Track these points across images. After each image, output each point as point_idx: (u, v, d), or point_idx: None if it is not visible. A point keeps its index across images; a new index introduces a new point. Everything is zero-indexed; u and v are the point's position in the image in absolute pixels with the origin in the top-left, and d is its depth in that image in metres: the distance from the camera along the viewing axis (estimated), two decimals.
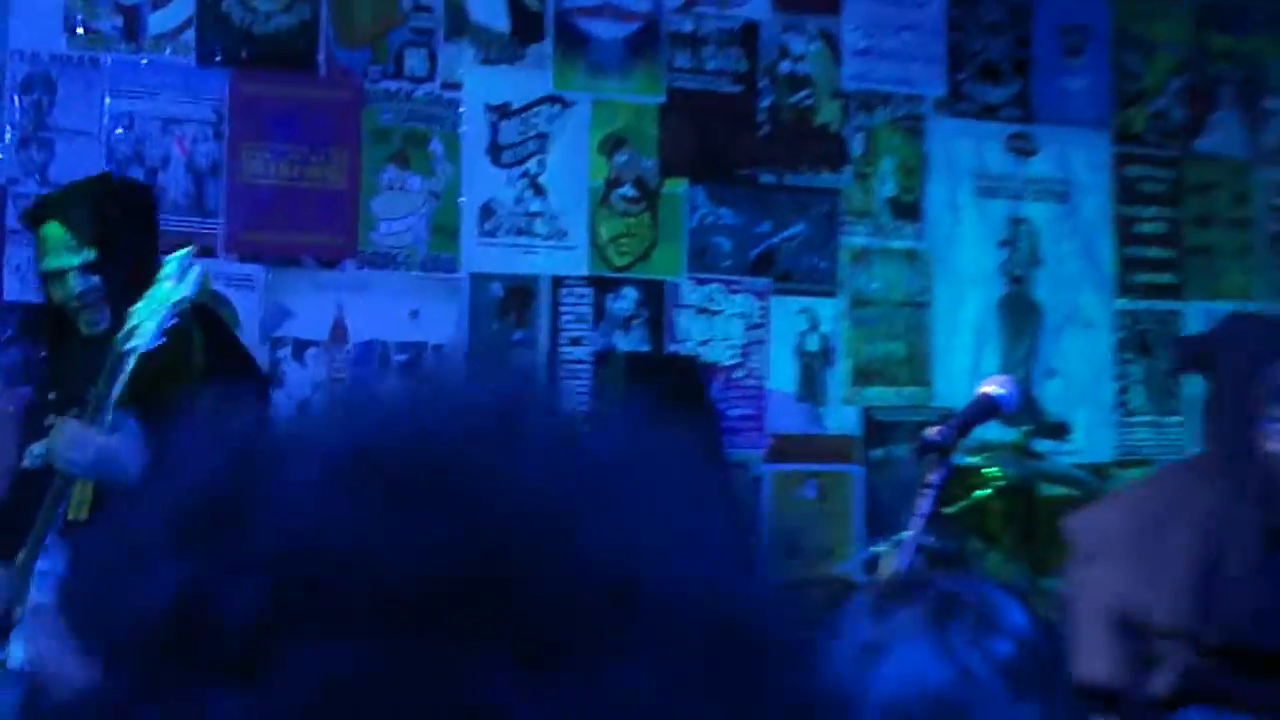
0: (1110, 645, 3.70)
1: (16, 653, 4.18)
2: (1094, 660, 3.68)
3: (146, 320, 4.00)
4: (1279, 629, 3.61)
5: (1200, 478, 3.86)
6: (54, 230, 4.43)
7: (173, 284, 4.02)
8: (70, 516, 4.18)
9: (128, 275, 4.33)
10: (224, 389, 4.23)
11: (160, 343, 3.99)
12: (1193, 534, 3.72)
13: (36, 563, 4.17)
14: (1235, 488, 3.71)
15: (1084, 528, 4.05)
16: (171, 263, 4.08)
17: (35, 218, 4.57)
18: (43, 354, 4.96)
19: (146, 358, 4.00)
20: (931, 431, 3.48)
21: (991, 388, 3.63)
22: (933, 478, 3.41)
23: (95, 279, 4.35)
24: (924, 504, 3.39)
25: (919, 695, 1.96)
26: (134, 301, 4.17)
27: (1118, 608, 3.68)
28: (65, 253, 4.39)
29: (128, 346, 4.00)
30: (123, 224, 4.49)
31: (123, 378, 4.03)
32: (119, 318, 4.20)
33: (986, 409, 3.62)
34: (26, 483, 4.40)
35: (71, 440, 4.12)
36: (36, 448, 4.38)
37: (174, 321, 4.00)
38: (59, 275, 4.40)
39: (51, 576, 4.14)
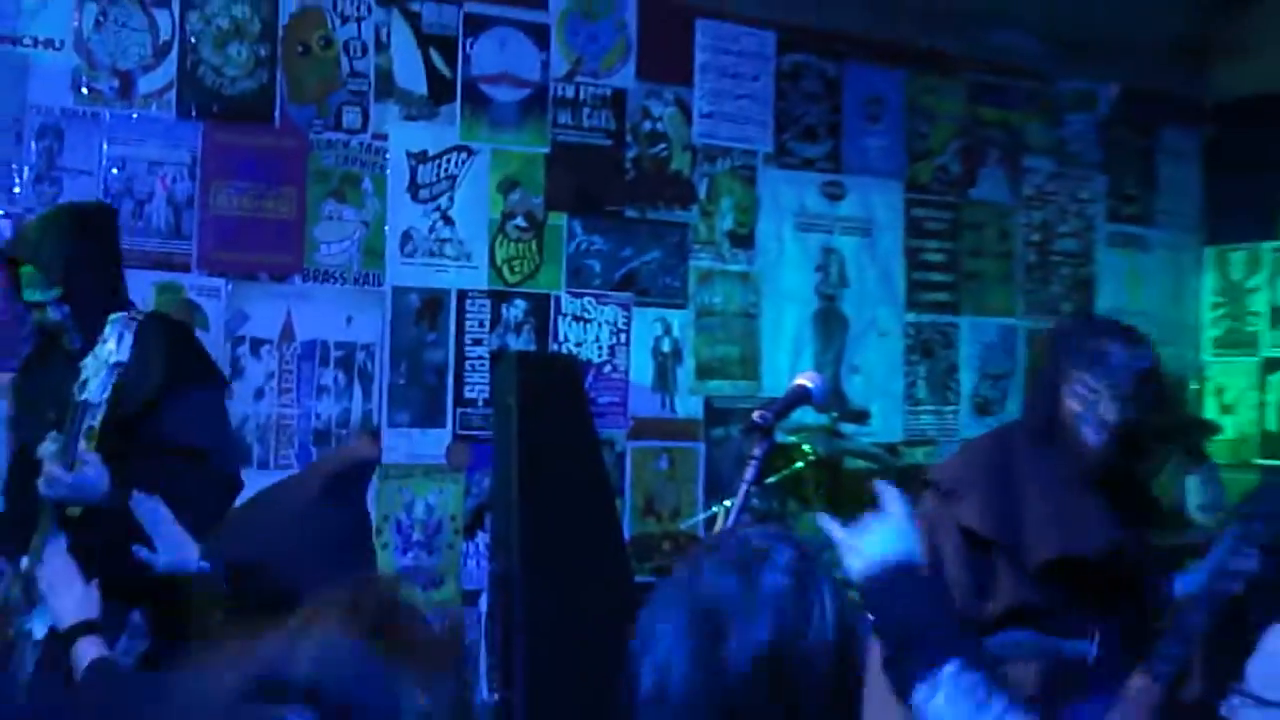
0: (963, 568, 3.77)
1: (39, 628, 4.02)
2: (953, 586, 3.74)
3: (93, 378, 3.86)
4: (1083, 545, 3.69)
5: (1025, 434, 3.94)
6: (27, 270, 4.32)
7: (113, 346, 3.87)
8: (63, 516, 3.97)
9: (93, 300, 4.23)
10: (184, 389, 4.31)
11: (105, 396, 3.84)
12: (1022, 476, 3.81)
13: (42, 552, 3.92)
14: (1047, 439, 3.83)
15: (942, 473, 4.07)
16: (112, 325, 3.89)
17: (11, 259, 4.44)
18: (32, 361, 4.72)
19: (95, 409, 3.87)
20: (756, 415, 3.56)
21: (804, 380, 3.69)
22: (756, 451, 3.40)
23: (66, 308, 4.27)
24: (750, 473, 3.36)
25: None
26: (101, 318, 3.98)
27: (969, 533, 3.75)
28: (39, 290, 4.29)
29: (81, 399, 3.87)
30: (85, 257, 4.34)
31: (83, 425, 3.90)
32: (90, 335, 4.04)
33: (800, 397, 3.55)
34: (30, 472, 4.17)
35: (48, 479, 3.92)
36: (49, 446, 4.04)
37: (114, 381, 3.87)
38: (39, 306, 4.32)
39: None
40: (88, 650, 3.45)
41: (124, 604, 4.11)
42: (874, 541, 2.74)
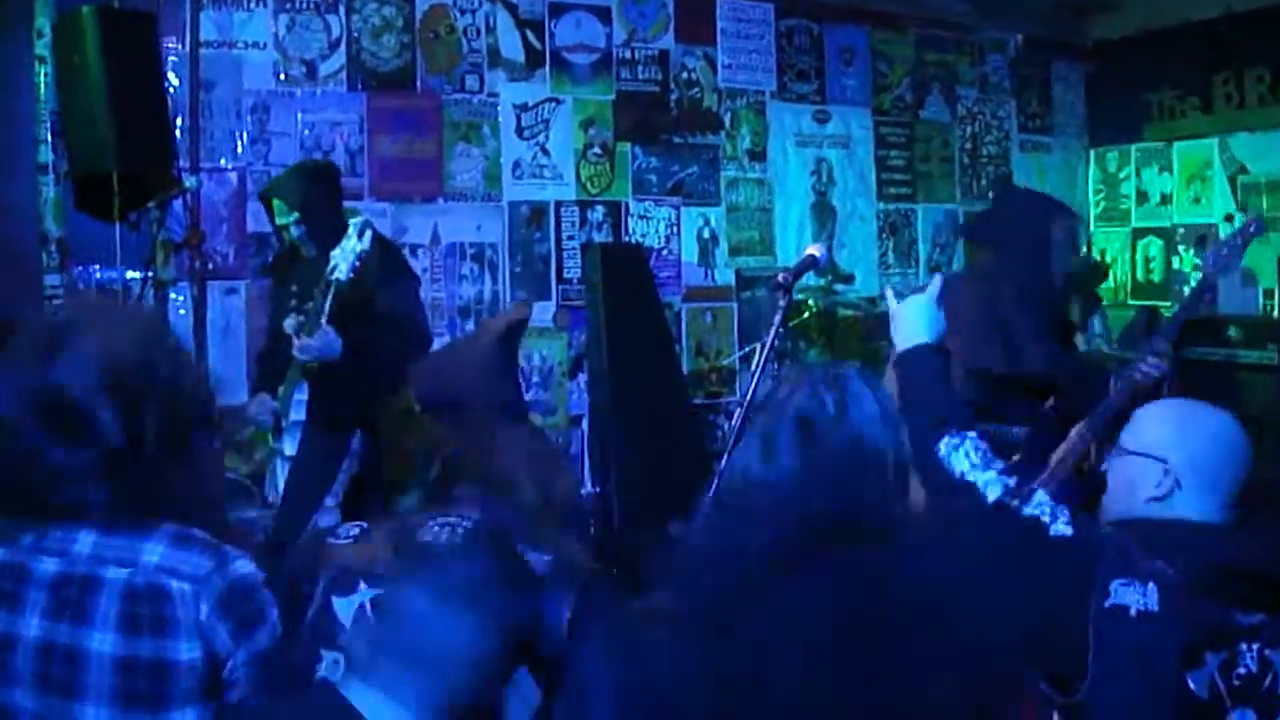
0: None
1: (289, 447, 4.19)
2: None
3: (341, 262, 3.90)
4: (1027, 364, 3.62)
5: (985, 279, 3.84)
6: (277, 203, 4.35)
7: (355, 241, 3.93)
8: (306, 369, 4.11)
9: (322, 224, 4.24)
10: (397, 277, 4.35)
11: (351, 276, 3.91)
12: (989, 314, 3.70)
13: (292, 393, 4.19)
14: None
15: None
16: (354, 226, 3.98)
17: (264, 195, 4.48)
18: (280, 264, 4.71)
19: (343, 285, 3.92)
20: (780, 276, 3.62)
21: (813, 250, 3.71)
22: (781, 303, 3.56)
23: (303, 229, 4.27)
24: (777, 318, 3.51)
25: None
26: (327, 237, 4.11)
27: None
28: (283, 215, 4.31)
29: (331, 278, 3.92)
30: (314, 194, 4.33)
31: (329, 299, 3.94)
32: (322, 248, 4.10)
33: (811, 262, 3.71)
34: (282, 340, 4.27)
35: (300, 347, 4.00)
36: (289, 321, 4.23)
37: (357, 264, 3.92)
38: (284, 228, 4.33)
39: (300, 403, 4.19)
40: None
41: (347, 434, 4.20)
42: (912, 321, 2.53)
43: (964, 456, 2.29)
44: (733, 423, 2.55)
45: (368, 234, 3.95)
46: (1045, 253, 3.71)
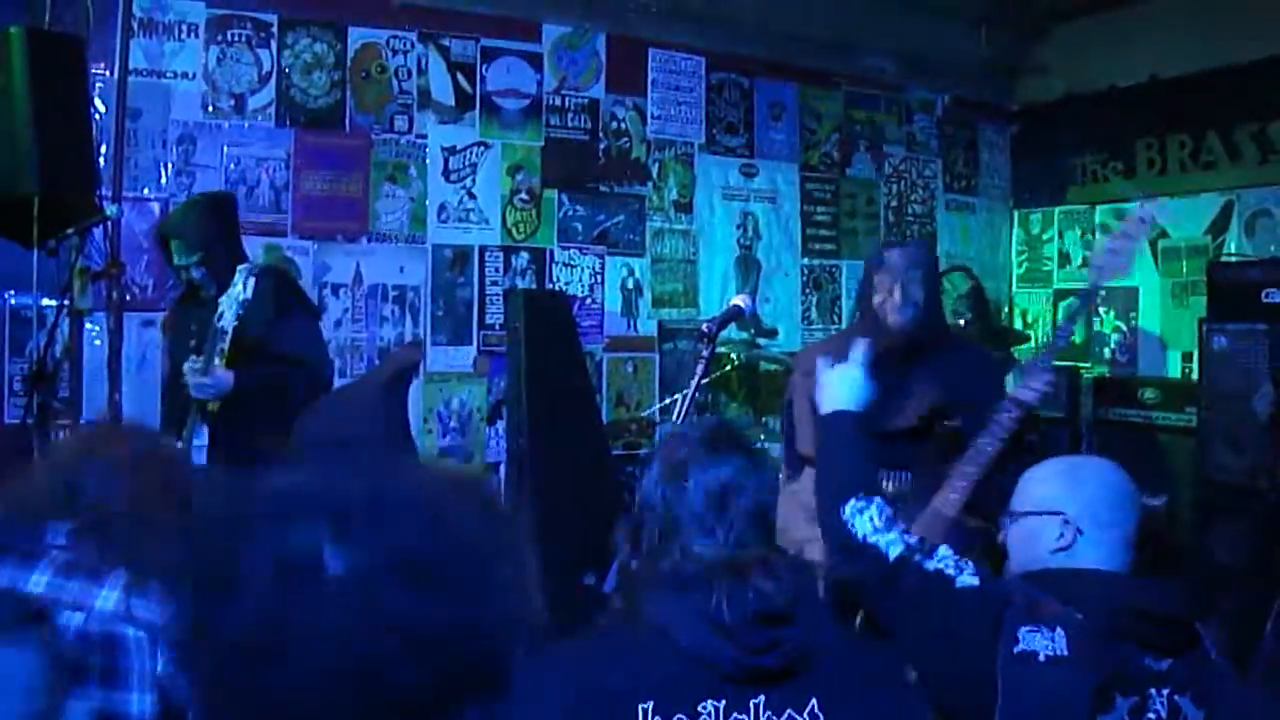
0: (807, 425, 3.80)
1: None
2: (801, 436, 3.89)
3: (226, 310, 4.01)
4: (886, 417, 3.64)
5: (853, 326, 3.98)
6: (175, 243, 4.40)
7: (239, 289, 4.01)
8: (209, 409, 4.15)
9: (223, 264, 4.28)
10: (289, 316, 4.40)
11: (235, 325, 4.01)
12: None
13: (192, 436, 4.18)
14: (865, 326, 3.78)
15: (799, 356, 4.27)
16: (240, 273, 4.06)
17: (162, 233, 4.52)
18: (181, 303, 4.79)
19: (228, 333, 4.04)
20: (704, 325, 3.64)
21: (738, 301, 3.74)
22: (705, 353, 3.40)
23: (203, 270, 4.33)
24: (700, 368, 3.47)
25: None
26: (228, 276, 4.17)
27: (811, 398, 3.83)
28: (183, 256, 4.37)
29: (219, 325, 4.03)
30: (214, 232, 4.40)
31: (219, 344, 4.04)
32: (222, 285, 4.17)
33: (736, 312, 3.75)
34: (182, 380, 4.29)
35: (194, 386, 4.09)
36: (188, 365, 4.24)
37: (240, 313, 4.03)
38: (184, 268, 4.38)
39: (200, 447, 4.20)
40: None
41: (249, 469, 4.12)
42: (838, 387, 2.72)
43: (868, 520, 2.42)
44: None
45: (250, 283, 4.02)
46: (863, 292, 3.89)
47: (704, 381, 3.52)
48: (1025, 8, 7.42)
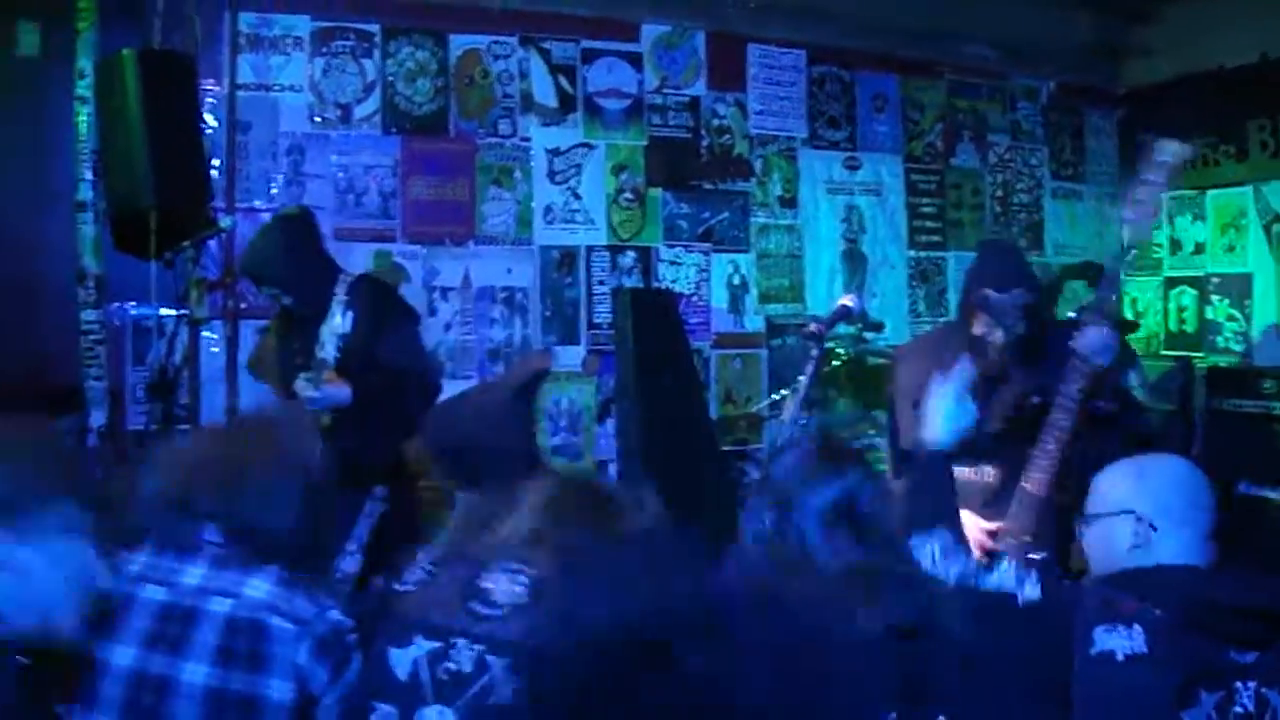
0: (909, 420, 3.68)
1: None
2: (903, 432, 3.74)
3: (328, 342, 4.01)
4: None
5: (952, 334, 3.85)
6: (260, 281, 4.42)
7: (339, 320, 4.02)
8: (322, 423, 4.07)
9: (310, 288, 4.26)
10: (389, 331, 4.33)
11: (337, 356, 4.00)
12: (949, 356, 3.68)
13: None
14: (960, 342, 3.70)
15: (901, 352, 4.15)
16: (336, 304, 4.07)
17: (244, 273, 4.58)
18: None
19: (330, 363, 4.02)
20: (813, 326, 3.65)
21: (846, 300, 3.71)
22: (815, 352, 3.50)
23: (292, 298, 4.29)
24: (810, 367, 3.49)
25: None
26: (320, 294, 4.18)
27: (915, 392, 3.69)
28: (268, 288, 4.37)
29: (320, 357, 4.02)
30: (294, 262, 4.33)
31: (321, 370, 4.03)
32: (313, 305, 4.18)
33: (844, 312, 3.71)
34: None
35: (309, 400, 4.03)
36: (300, 383, 4.18)
37: (340, 345, 4.01)
38: (274, 296, 4.38)
39: None
40: None
41: (369, 483, 4.19)
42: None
43: (929, 553, 2.43)
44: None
45: (348, 316, 4.02)
46: (963, 314, 3.79)
47: (815, 376, 3.52)
48: None
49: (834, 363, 6.19)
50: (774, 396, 6.30)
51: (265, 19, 5.70)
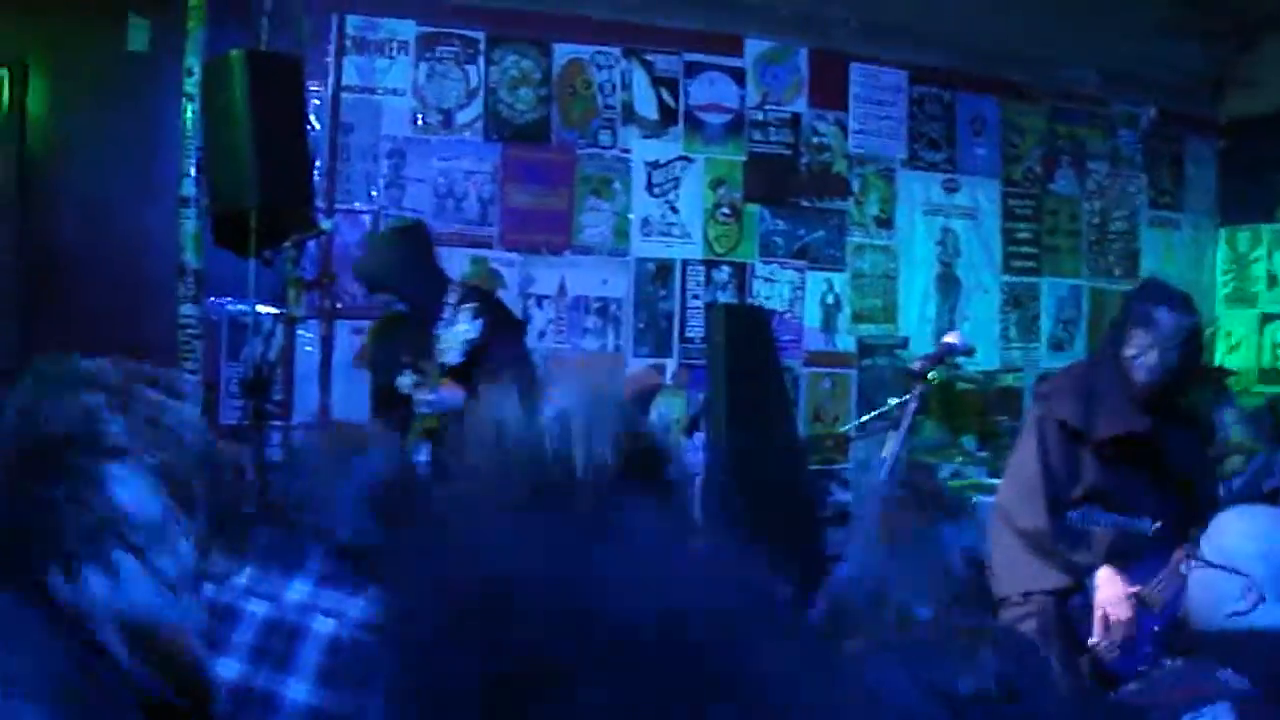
0: (1060, 452, 3.70)
1: None
2: (1058, 468, 3.71)
3: (451, 346, 4.10)
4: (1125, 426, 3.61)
5: (1097, 363, 3.85)
6: (373, 285, 4.63)
7: (466, 326, 4.10)
8: (429, 426, 4.22)
9: (422, 292, 4.43)
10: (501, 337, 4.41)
11: (462, 361, 4.10)
12: (1096, 392, 3.71)
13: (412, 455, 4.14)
14: (1110, 370, 3.70)
15: (1046, 384, 4.09)
16: (464, 312, 4.15)
17: (358, 278, 4.72)
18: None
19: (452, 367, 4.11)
20: (916, 365, 3.62)
21: (951, 338, 3.74)
22: (916, 390, 3.58)
23: (404, 303, 4.50)
24: (911, 404, 3.50)
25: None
26: (429, 300, 4.34)
27: (1064, 425, 3.68)
28: (381, 293, 4.59)
29: (441, 361, 4.12)
30: (406, 269, 4.49)
31: (437, 373, 4.15)
32: (428, 312, 4.32)
33: (948, 350, 3.72)
34: (396, 398, 4.43)
35: (422, 401, 4.20)
36: (405, 380, 4.38)
37: (467, 350, 4.10)
38: (388, 302, 4.56)
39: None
40: None
41: None
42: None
43: None
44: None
45: (477, 325, 4.10)
46: (1117, 336, 3.74)
47: (915, 417, 3.47)
48: (1234, 19, 7.19)
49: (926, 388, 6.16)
50: (864, 418, 6.27)
51: (371, 22, 5.76)
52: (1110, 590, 3.51)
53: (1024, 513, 3.68)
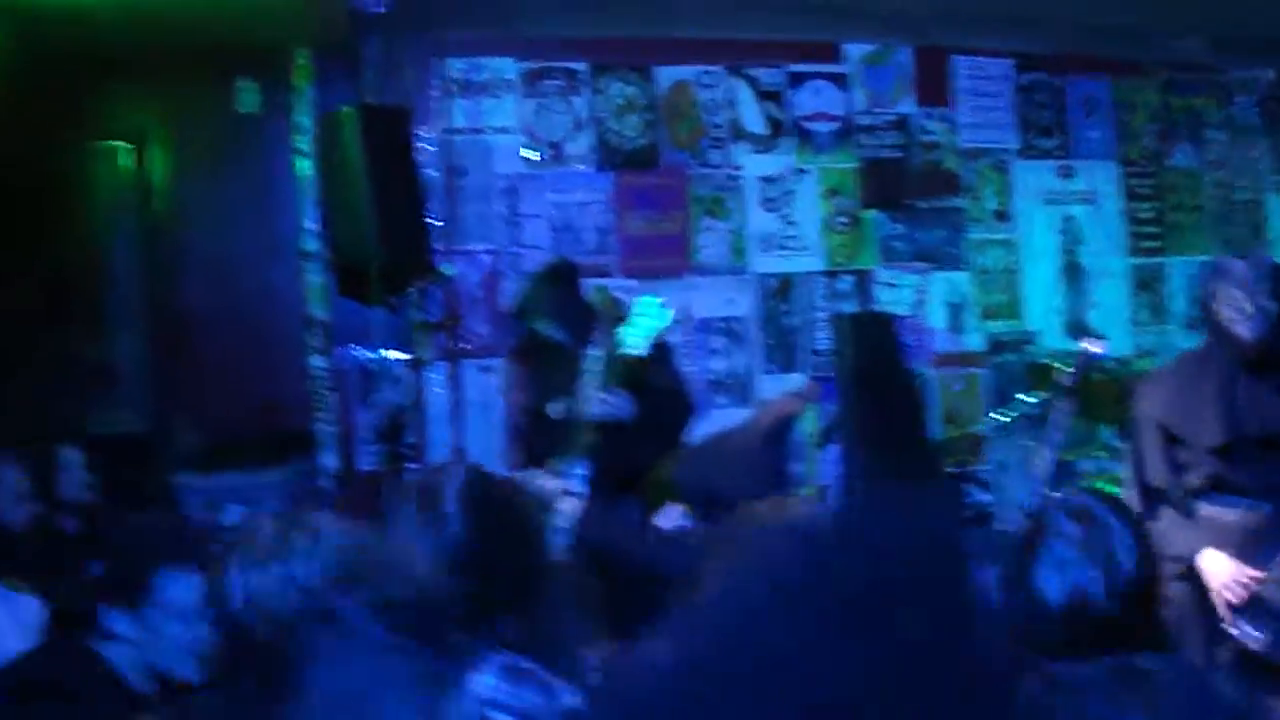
0: (1157, 454, 3.63)
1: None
2: (1151, 467, 3.65)
3: (636, 338, 4.13)
4: (1249, 428, 3.51)
5: (1203, 355, 3.73)
6: (533, 318, 4.64)
7: (650, 320, 4.16)
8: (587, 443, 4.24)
9: (578, 323, 4.48)
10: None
11: (651, 353, 4.15)
12: (1196, 375, 3.63)
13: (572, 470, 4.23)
14: (1215, 354, 3.61)
15: (1143, 380, 4.02)
16: (651, 305, 4.21)
17: (518, 316, 4.78)
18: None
19: (636, 360, 4.15)
20: (1064, 379, 3.56)
21: (1093, 345, 3.71)
22: (1064, 405, 3.51)
23: (564, 333, 4.52)
24: (1060, 419, 3.46)
25: None
26: (584, 332, 4.41)
27: (1161, 424, 3.62)
28: (540, 324, 4.59)
29: (621, 353, 4.14)
30: (562, 302, 4.62)
31: (615, 370, 4.16)
32: (580, 341, 4.41)
33: (1090, 359, 3.69)
34: (546, 423, 4.52)
35: (597, 401, 4.22)
36: (555, 405, 4.48)
37: (656, 340, 4.17)
38: (544, 333, 4.58)
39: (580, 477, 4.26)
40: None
41: (627, 494, 4.34)
42: None
43: None
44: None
45: (668, 314, 4.18)
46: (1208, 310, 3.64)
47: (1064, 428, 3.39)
48: None
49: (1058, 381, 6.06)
50: (996, 417, 6.16)
51: (474, 64, 5.84)
52: (1221, 570, 3.45)
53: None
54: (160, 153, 5.95)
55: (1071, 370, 3.40)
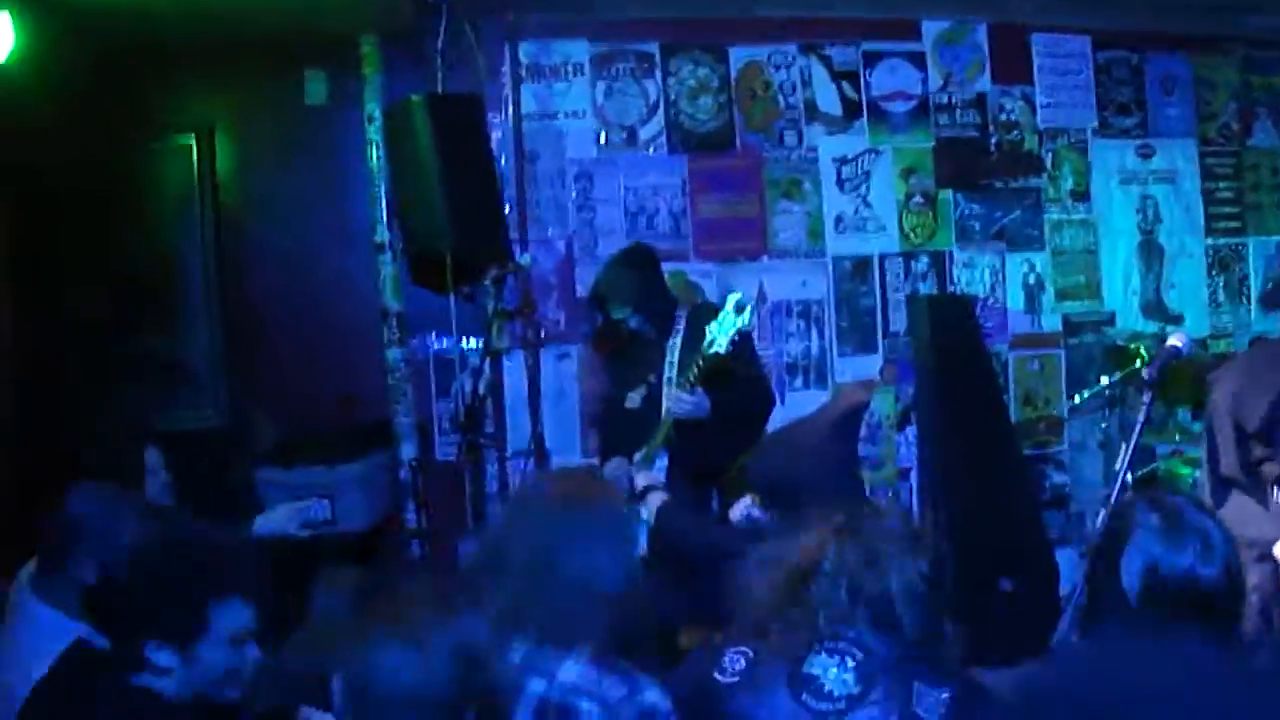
0: (1231, 446, 3.64)
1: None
2: (1224, 459, 3.69)
3: (719, 336, 4.05)
4: None
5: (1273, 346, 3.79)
6: (611, 303, 4.60)
7: (735, 316, 4.07)
8: (668, 435, 4.27)
9: (658, 310, 4.54)
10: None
11: (730, 350, 4.06)
12: (1270, 373, 3.64)
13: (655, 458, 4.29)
14: None
15: (1217, 373, 3.98)
16: (733, 301, 4.11)
17: (596, 297, 4.74)
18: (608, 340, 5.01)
19: (720, 357, 4.08)
20: (1145, 373, 3.52)
21: (1175, 341, 3.66)
22: (1146, 398, 3.41)
23: (641, 318, 4.51)
24: (1142, 414, 3.37)
25: None
26: (663, 320, 4.50)
27: (1233, 417, 3.63)
28: (620, 311, 4.56)
29: (710, 351, 4.07)
30: (646, 286, 4.60)
31: (703, 365, 4.11)
32: (660, 330, 4.50)
33: (1173, 353, 3.64)
34: (625, 412, 4.58)
35: (676, 399, 4.23)
36: (634, 395, 4.54)
37: (736, 339, 4.06)
38: (621, 321, 4.56)
39: (661, 470, 4.29)
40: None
41: (709, 492, 4.39)
42: None
43: None
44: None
45: (748, 310, 4.11)
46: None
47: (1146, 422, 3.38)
48: None
49: (1135, 364, 5.97)
50: (1074, 400, 6.14)
51: (544, 47, 5.82)
52: None
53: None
54: (229, 146, 6.00)
55: (1152, 362, 3.36)
